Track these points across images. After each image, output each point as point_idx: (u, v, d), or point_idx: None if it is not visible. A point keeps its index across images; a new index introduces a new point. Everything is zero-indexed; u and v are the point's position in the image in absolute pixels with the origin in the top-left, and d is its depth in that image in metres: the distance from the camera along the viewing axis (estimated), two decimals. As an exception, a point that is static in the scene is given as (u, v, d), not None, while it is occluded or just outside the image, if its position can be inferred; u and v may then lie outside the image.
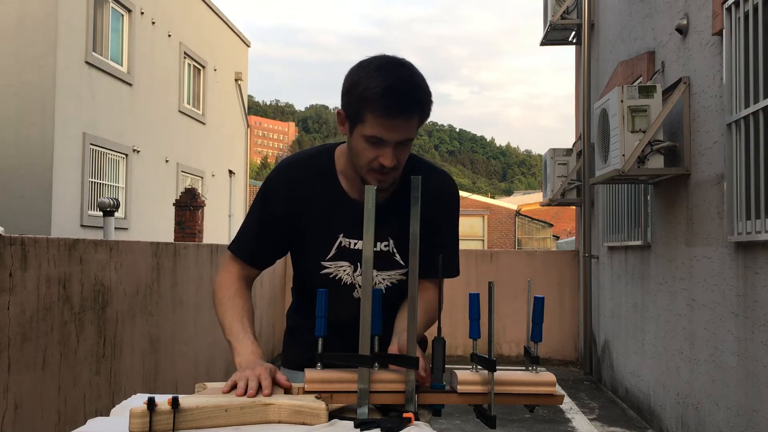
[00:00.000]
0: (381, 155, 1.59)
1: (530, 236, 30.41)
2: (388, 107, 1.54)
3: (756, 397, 3.50)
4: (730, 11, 3.81)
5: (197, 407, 1.34)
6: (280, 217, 1.74)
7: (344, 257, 1.75)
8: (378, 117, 1.55)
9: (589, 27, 7.67)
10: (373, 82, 1.55)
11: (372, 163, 1.61)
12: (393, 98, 1.53)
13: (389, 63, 1.60)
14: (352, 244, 1.74)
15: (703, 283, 4.26)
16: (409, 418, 1.40)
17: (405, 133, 1.59)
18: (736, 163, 3.70)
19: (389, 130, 1.56)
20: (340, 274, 1.75)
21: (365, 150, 1.60)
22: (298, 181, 1.73)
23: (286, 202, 1.73)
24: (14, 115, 10.98)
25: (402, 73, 1.58)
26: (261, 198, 1.77)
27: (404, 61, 1.63)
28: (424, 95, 1.60)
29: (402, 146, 1.61)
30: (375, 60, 1.61)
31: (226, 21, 19.37)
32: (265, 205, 1.76)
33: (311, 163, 1.76)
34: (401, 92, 1.55)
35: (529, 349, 1.52)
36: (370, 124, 1.56)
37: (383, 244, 1.73)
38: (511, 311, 8.09)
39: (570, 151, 7.99)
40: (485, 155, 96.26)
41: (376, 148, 1.59)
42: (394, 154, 1.59)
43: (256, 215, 1.78)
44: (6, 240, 2.70)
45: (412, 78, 1.59)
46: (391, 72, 1.57)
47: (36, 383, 2.90)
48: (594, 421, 5.66)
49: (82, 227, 11.80)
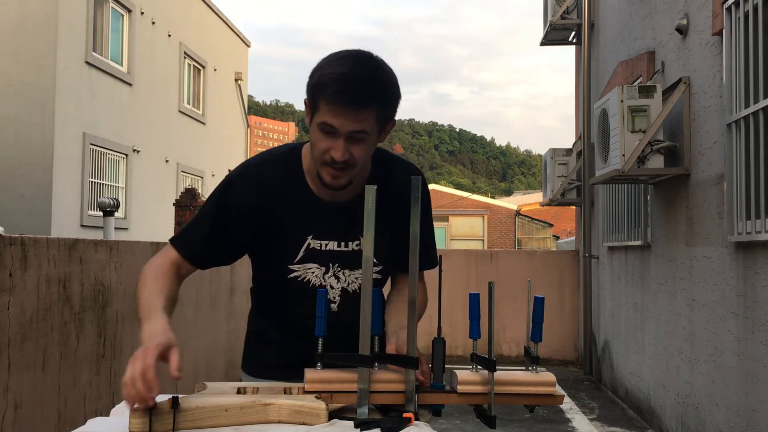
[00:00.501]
0: (333, 147, 1.53)
1: (530, 236, 30.41)
2: (338, 93, 1.48)
3: (756, 397, 3.50)
4: (730, 11, 3.81)
5: (197, 407, 1.34)
6: (238, 217, 1.65)
7: (313, 259, 1.68)
8: (329, 103, 1.50)
9: (589, 27, 7.67)
10: (330, 68, 1.52)
11: (324, 155, 1.55)
12: (344, 84, 1.48)
13: (356, 55, 1.55)
14: (323, 245, 1.67)
15: (703, 283, 4.26)
16: (409, 418, 1.40)
17: (358, 123, 1.51)
18: (736, 163, 3.70)
19: (339, 118, 1.50)
20: (308, 277, 1.69)
21: (319, 140, 1.55)
22: (264, 181, 1.66)
23: (250, 201, 1.65)
24: (14, 115, 10.98)
25: (364, 64, 1.53)
26: (220, 195, 1.68)
27: (376, 57, 1.58)
28: (383, 88, 1.54)
29: (356, 141, 1.54)
30: (344, 51, 1.57)
31: (226, 21, 19.37)
32: (223, 203, 1.66)
33: (278, 162, 1.69)
34: (355, 80, 1.49)
35: (529, 349, 1.52)
36: (322, 110, 1.52)
37: (354, 244, 1.68)
38: (511, 311, 8.09)
39: (570, 151, 7.99)
40: (485, 155, 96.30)
41: (329, 139, 1.53)
42: (347, 147, 1.53)
43: (211, 211, 1.67)
44: (6, 240, 2.70)
45: (373, 71, 1.53)
46: (352, 61, 1.52)
47: (36, 383, 2.90)
48: (594, 421, 5.66)
49: (82, 227, 11.81)
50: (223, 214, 1.65)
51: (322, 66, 1.54)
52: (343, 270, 1.69)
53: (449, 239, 26.84)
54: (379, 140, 1.62)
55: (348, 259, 1.69)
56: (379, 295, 1.48)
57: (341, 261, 1.69)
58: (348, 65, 1.51)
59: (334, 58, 1.54)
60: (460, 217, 27.77)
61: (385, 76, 1.55)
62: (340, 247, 1.68)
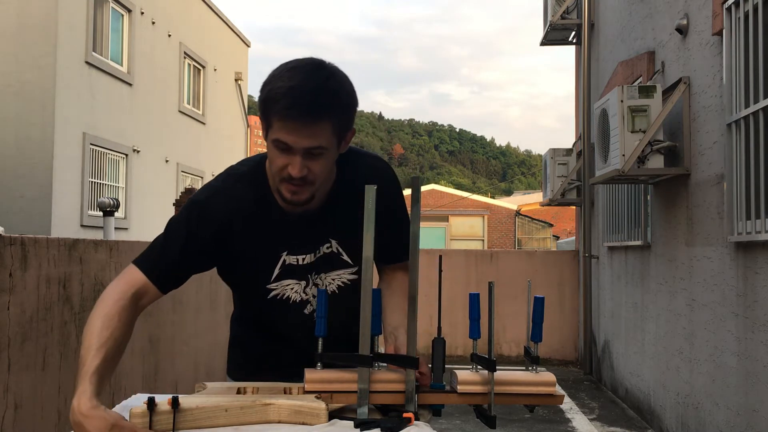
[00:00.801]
0: (290, 163, 1.46)
1: (530, 236, 30.42)
2: (288, 108, 1.41)
3: (756, 397, 3.50)
4: (730, 11, 3.81)
5: (197, 407, 1.34)
6: (208, 241, 1.57)
7: (290, 275, 1.63)
8: (280, 119, 1.43)
9: (589, 27, 7.67)
10: (279, 82, 1.44)
11: (282, 172, 1.48)
12: (295, 99, 1.41)
13: (307, 65, 1.47)
14: (300, 260, 1.63)
15: (703, 283, 4.26)
16: (409, 418, 1.40)
17: (313, 139, 1.44)
18: (736, 163, 3.70)
19: (293, 135, 1.43)
20: (287, 293, 1.65)
21: (276, 157, 1.48)
22: (231, 202, 1.58)
23: (218, 225, 1.57)
24: (14, 115, 10.98)
25: (315, 74, 1.45)
26: (188, 219, 1.58)
27: (328, 65, 1.49)
28: (336, 98, 1.45)
29: (314, 156, 1.46)
30: (295, 61, 1.49)
31: (226, 21, 19.38)
32: (192, 228, 1.57)
33: (242, 181, 1.61)
34: (306, 92, 1.41)
35: (529, 349, 1.52)
36: (275, 127, 1.45)
37: (325, 247, 1.64)
38: (511, 311, 8.09)
39: (570, 151, 8.00)
40: (485, 155, 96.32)
41: (285, 156, 1.46)
42: (304, 163, 1.46)
43: (179, 235, 1.57)
44: (6, 240, 2.70)
45: (325, 81, 1.44)
46: (302, 72, 1.44)
47: (36, 383, 2.90)
48: (594, 421, 5.66)
49: (82, 227, 11.81)
50: (192, 239, 1.57)
51: (272, 79, 1.46)
52: (319, 275, 1.66)
53: (449, 239, 26.84)
54: (340, 150, 1.55)
55: (322, 263, 1.65)
56: (378, 294, 1.48)
57: (317, 268, 1.66)
58: (298, 77, 1.43)
59: (284, 69, 1.47)
60: (460, 217, 27.77)
61: (338, 85, 1.47)
62: (316, 256, 1.64)
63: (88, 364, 1.36)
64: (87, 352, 1.39)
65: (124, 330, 1.46)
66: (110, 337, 1.42)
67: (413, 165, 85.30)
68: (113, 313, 1.46)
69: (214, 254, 1.61)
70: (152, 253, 1.58)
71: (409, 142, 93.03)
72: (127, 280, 1.54)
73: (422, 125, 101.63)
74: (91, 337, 1.41)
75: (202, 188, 1.65)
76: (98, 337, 1.41)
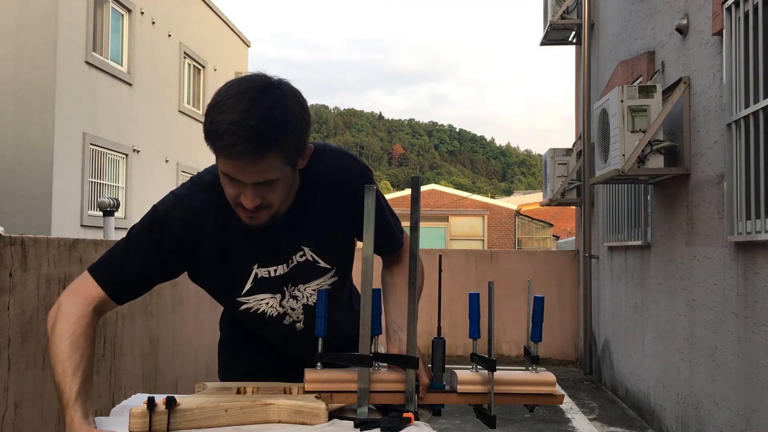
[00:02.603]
0: (242, 194, 1.40)
1: (530, 236, 30.42)
2: (231, 146, 1.32)
3: (756, 397, 3.50)
4: (730, 11, 3.81)
5: (197, 407, 1.34)
6: (171, 252, 1.50)
7: (264, 289, 1.57)
8: (224, 156, 1.36)
9: (589, 27, 7.67)
10: (222, 113, 1.34)
11: (236, 199, 1.42)
12: (236, 136, 1.31)
13: (251, 88, 1.36)
14: (272, 272, 1.56)
15: (703, 283, 4.26)
16: (409, 418, 1.40)
17: (261, 174, 1.36)
18: (736, 163, 3.70)
19: (239, 171, 1.36)
20: (262, 308, 1.59)
21: (226, 186, 1.42)
22: (197, 212, 1.50)
23: (183, 235, 1.50)
24: (14, 115, 10.99)
25: (260, 102, 1.34)
26: (150, 229, 1.51)
27: (275, 84, 1.39)
28: (283, 132, 1.35)
29: (267, 186, 1.39)
30: (239, 83, 1.39)
31: (226, 21, 19.38)
32: (156, 238, 1.50)
33: (206, 190, 1.52)
34: (247, 130, 1.31)
35: (529, 348, 1.53)
36: (221, 161, 1.38)
37: (299, 255, 1.57)
38: (511, 311, 8.10)
39: (570, 151, 8.00)
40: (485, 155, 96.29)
41: (236, 187, 1.40)
42: (257, 194, 1.39)
43: (141, 246, 1.50)
44: (6, 240, 2.70)
45: (269, 111, 1.34)
46: (245, 101, 1.34)
47: (36, 383, 2.90)
48: (594, 421, 5.65)
49: (82, 227, 11.81)
50: (154, 252, 1.50)
51: (215, 107, 1.37)
52: (297, 286, 1.60)
53: (449, 239, 26.84)
54: (299, 167, 1.47)
55: (299, 273, 1.59)
56: (379, 294, 1.47)
57: (293, 279, 1.59)
58: (241, 109, 1.33)
59: (226, 96, 1.36)
60: (460, 217, 27.78)
61: (285, 113, 1.36)
62: (289, 267, 1.58)
63: (68, 392, 1.35)
64: (63, 378, 1.36)
65: (92, 347, 1.44)
66: (82, 357, 1.39)
67: (413, 165, 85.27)
68: (79, 333, 1.42)
69: (179, 265, 1.54)
70: (111, 265, 1.51)
71: (409, 142, 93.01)
72: (86, 295, 1.48)
73: (422, 125, 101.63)
74: (64, 362, 1.38)
75: (166, 197, 1.56)
76: (70, 361, 1.38)
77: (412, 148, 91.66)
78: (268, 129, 1.33)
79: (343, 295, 1.75)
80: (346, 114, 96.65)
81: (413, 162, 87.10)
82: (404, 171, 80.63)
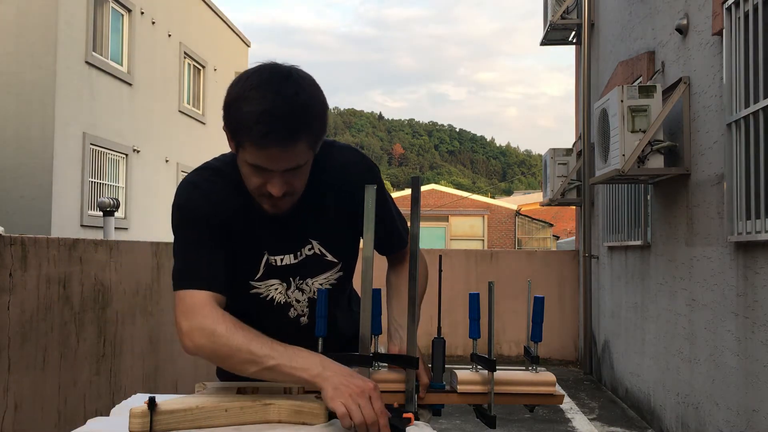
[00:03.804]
0: (268, 183, 1.41)
1: (530, 236, 30.42)
2: (264, 136, 1.33)
3: (756, 397, 3.50)
4: (730, 11, 3.81)
5: (197, 407, 1.34)
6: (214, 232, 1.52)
7: (273, 275, 1.59)
8: (256, 147, 1.36)
9: (589, 27, 7.67)
10: (248, 105, 1.35)
11: (260, 189, 1.43)
12: (270, 125, 1.33)
13: (271, 77, 1.37)
14: (279, 260, 1.58)
15: (703, 283, 4.26)
16: (409, 418, 1.40)
17: (291, 161, 1.39)
18: (736, 163, 3.70)
19: (270, 160, 1.37)
20: (271, 294, 1.61)
21: (251, 176, 1.43)
22: (215, 197, 1.53)
23: (212, 217, 1.51)
24: (14, 115, 10.99)
25: (284, 90, 1.35)
26: (185, 220, 1.52)
27: (292, 71, 1.40)
28: (311, 117, 1.38)
29: (293, 172, 1.42)
30: (255, 73, 1.39)
31: (226, 21, 19.38)
32: (195, 225, 1.51)
33: (220, 175, 1.56)
34: (279, 118, 1.33)
35: (529, 349, 1.52)
36: (249, 151, 1.38)
37: (307, 248, 1.59)
38: (511, 311, 8.10)
39: (570, 151, 8.00)
40: (485, 155, 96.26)
41: (262, 175, 1.41)
42: (284, 181, 1.41)
43: (196, 237, 1.51)
44: (6, 240, 2.70)
45: (295, 96, 1.36)
46: (270, 90, 1.35)
47: (36, 383, 2.90)
48: (594, 421, 5.66)
49: (82, 227, 11.81)
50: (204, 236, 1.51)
51: (239, 99, 1.37)
52: (305, 280, 1.62)
53: (449, 239, 26.85)
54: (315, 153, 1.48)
55: (306, 267, 1.60)
56: (379, 294, 1.47)
57: (301, 272, 1.60)
58: (269, 99, 1.34)
59: (249, 87, 1.37)
60: (460, 217, 27.78)
61: (308, 97, 1.39)
62: (297, 258, 1.59)
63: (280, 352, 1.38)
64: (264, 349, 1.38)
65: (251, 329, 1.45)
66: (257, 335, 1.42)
67: (413, 165, 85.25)
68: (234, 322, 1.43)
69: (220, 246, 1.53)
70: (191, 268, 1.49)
71: (409, 142, 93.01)
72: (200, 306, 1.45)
73: (422, 125, 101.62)
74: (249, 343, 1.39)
75: (179, 188, 1.57)
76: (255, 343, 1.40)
77: (412, 148, 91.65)
78: (298, 115, 1.35)
79: (344, 294, 1.75)
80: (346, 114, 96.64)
81: (413, 162, 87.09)
82: (404, 171, 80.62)
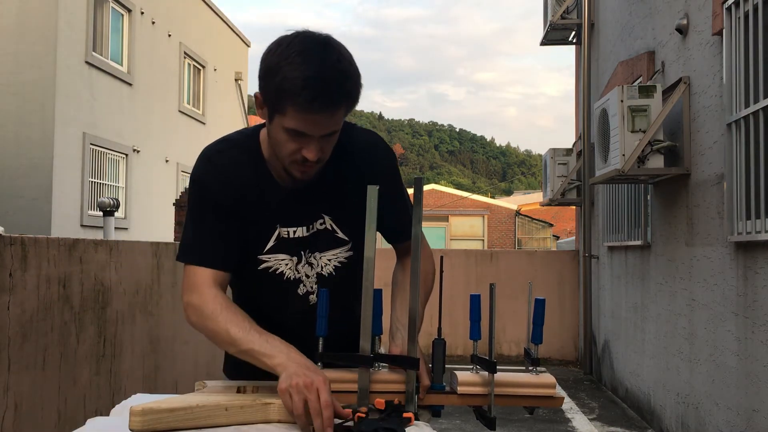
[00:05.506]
0: (304, 148, 1.44)
1: (530, 236, 30.42)
2: (311, 101, 1.36)
3: (756, 397, 3.50)
4: (730, 11, 3.81)
5: (197, 406, 1.34)
6: (224, 209, 1.56)
7: (283, 249, 1.61)
8: (300, 111, 1.38)
9: (589, 27, 7.67)
10: (293, 70, 1.37)
11: (294, 155, 1.46)
12: (317, 91, 1.36)
13: (313, 44, 1.40)
14: (292, 232, 1.60)
15: (703, 283, 4.26)
16: (409, 418, 1.40)
17: (330, 126, 1.43)
18: (736, 163, 3.70)
19: (313, 125, 1.41)
20: (281, 268, 1.62)
21: (286, 142, 1.45)
22: (230, 171, 1.57)
23: (224, 193, 1.56)
24: (14, 115, 10.98)
25: (327, 57, 1.38)
26: (198, 195, 1.58)
27: (329, 39, 1.43)
28: (353, 84, 1.42)
29: (329, 138, 1.46)
30: (296, 40, 1.41)
31: (226, 21, 19.37)
32: (206, 201, 1.57)
33: (237, 148, 1.59)
34: (326, 83, 1.37)
35: (530, 350, 1.52)
36: (291, 116, 1.40)
37: (319, 223, 1.61)
38: (511, 311, 8.10)
39: (570, 151, 8.00)
40: (485, 155, 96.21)
41: (299, 141, 1.44)
42: (320, 146, 1.45)
43: (206, 213, 1.57)
44: (6, 240, 2.70)
45: (338, 63, 1.39)
46: (314, 57, 1.37)
47: (36, 383, 2.90)
48: (594, 421, 5.65)
49: (82, 227, 11.81)
50: (215, 213, 1.57)
51: (281, 64, 1.39)
52: (314, 254, 1.63)
53: (449, 239, 26.84)
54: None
55: (316, 240, 1.62)
56: (380, 294, 1.47)
57: (311, 245, 1.62)
58: (314, 65, 1.37)
59: (293, 53, 1.38)
60: (460, 217, 27.77)
61: (348, 64, 1.42)
62: (309, 231, 1.61)
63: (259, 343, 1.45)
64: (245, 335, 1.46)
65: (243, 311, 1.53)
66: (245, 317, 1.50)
67: (413, 165, 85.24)
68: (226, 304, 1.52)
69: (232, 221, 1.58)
70: (195, 244, 1.58)
71: (409, 141, 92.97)
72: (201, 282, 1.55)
73: (422, 125, 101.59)
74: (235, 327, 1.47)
75: (198, 161, 1.61)
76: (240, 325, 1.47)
77: (412, 148, 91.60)
78: (341, 82, 1.39)
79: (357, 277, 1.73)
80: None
81: (413, 162, 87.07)
82: (404, 171, 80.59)
